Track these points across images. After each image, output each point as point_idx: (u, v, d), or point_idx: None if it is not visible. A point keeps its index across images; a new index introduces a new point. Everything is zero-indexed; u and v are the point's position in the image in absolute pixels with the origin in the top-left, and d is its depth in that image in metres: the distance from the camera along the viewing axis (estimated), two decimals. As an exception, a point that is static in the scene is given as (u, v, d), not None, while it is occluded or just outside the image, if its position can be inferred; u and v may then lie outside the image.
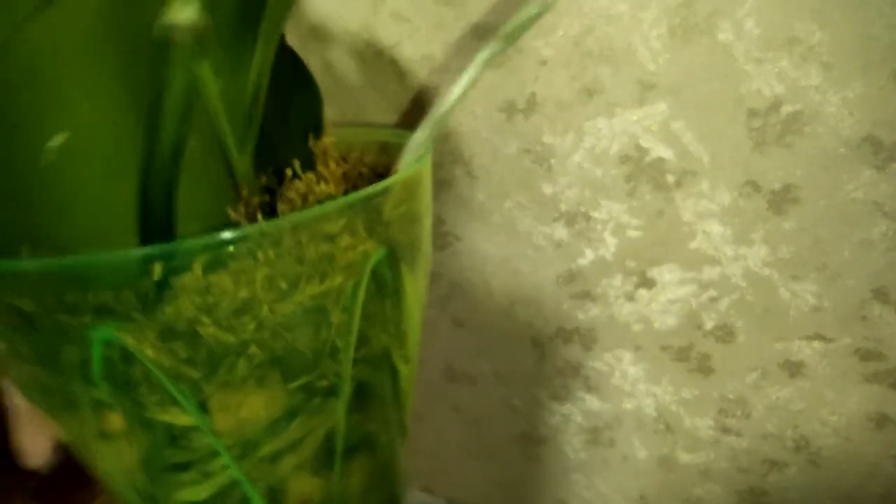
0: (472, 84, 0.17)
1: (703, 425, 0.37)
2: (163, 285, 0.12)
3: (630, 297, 0.35)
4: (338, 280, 0.14)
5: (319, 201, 0.17)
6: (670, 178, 0.31)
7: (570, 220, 0.34)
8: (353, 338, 0.15)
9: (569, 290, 0.36)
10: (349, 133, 0.21)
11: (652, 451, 0.40)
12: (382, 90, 0.35)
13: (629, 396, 0.39)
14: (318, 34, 0.35)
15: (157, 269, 0.12)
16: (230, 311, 0.13)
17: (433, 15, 0.32)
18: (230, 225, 0.16)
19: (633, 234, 0.33)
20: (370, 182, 0.19)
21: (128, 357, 0.13)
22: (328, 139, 0.20)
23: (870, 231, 0.29)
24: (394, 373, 0.18)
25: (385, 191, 0.15)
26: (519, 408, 0.43)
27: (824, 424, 0.34)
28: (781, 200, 0.30)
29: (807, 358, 0.33)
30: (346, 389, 0.16)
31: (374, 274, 0.15)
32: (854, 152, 0.27)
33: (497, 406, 0.44)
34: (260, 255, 0.13)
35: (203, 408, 0.14)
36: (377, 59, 0.34)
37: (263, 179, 0.17)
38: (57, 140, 0.11)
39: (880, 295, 0.30)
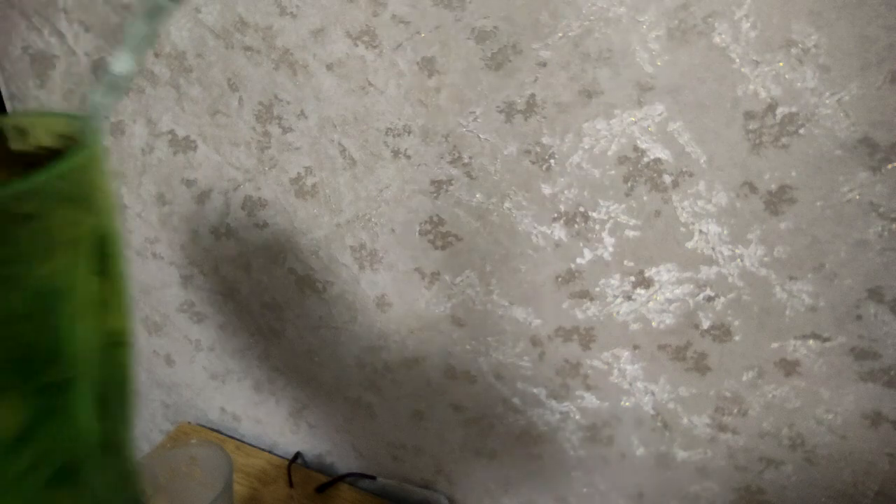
0: (137, 60, 0.16)
1: (701, 423, 0.38)
2: None
3: (628, 297, 0.35)
4: (59, 260, 0.13)
5: None
6: (668, 179, 0.31)
7: (568, 220, 0.35)
8: (89, 325, 0.14)
9: (568, 289, 0.37)
10: (25, 120, 0.20)
11: (650, 449, 0.40)
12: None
13: (627, 395, 0.39)
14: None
15: None
16: None
17: (433, 17, 0.32)
18: None
19: (631, 234, 0.34)
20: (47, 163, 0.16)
21: None
22: None
23: (865, 231, 0.29)
24: (120, 363, 0.16)
25: (83, 163, 0.13)
26: (518, 406, 0.43)
27: (820, 423, 0.35)
28: (778, 201, 0.30)
29: (802, 357, 0.33)
30: (89, 385, 0.14)
31: (92, 250, 0.14)
32: (850, 154, 0.27)
33: (497, 405, 0.44)
34: None
35: None
36: (377, 61, 0.34)
37: None
38: None
39: (875, 295, 0.30)
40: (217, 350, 0.54)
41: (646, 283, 0.35)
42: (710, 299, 0.34)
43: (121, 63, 0.16)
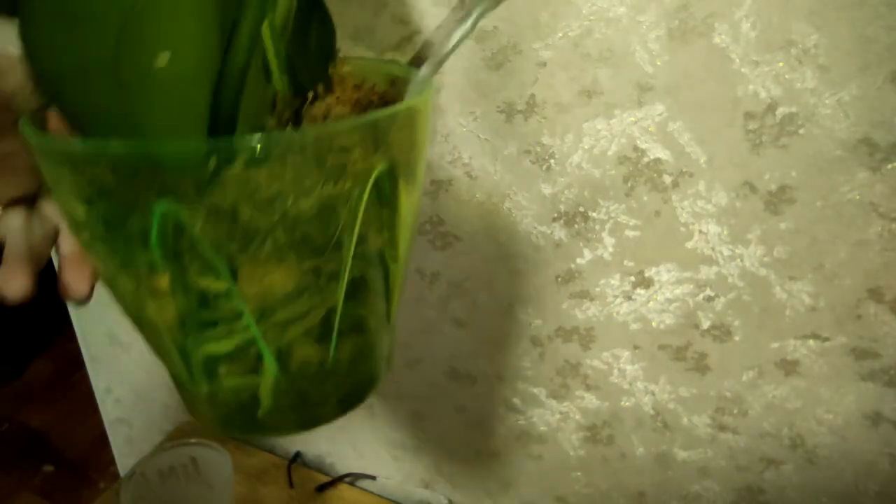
0: (469, 33, 0.20)
1: (701, 423, 0.38)
2: (215, 174, 0.15)
3: (628, 297, 0.35)
4: (347, 185, 0.18)
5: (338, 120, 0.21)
6: (668, 179, 0.31)
7: (568, 220, 0.35)
8: (355, 235, 0.19)
9: (568, 289, 0.37)
10: (363, 64, 0.26)
11: (650, 449, 0.40)
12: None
13: (627, 395, 0.39)
14: None
15: (212, 161, 0.15)
16: (263, 200, 0.16)
17: (433, 17, 0.32)
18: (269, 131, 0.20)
19: (631, 234, 0.34)
20: (380, 108, 0.22)
21: (179, 230, 0.16)
22: (345, 68, 0.24)
23: (865, 231, 0.29)
24: (385, 270, 0.22)
25: (391, 116, 0.19)
26: (518, 406, 0.43)
27: (820, 423, 0.35)
28: (778, 201, 0.30)
29: (803, 357, 0.33)
30: (345, 277, 0.19)
31: (377, 185, 0.19)
32: (850, 154, 0.27)
33: (498, 405, 0.44)
34: (289, 159, 0.16)
35: (234, 276, 0.17)
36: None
37: (295, 100, 0.21)
38: (163, 59, 0.15)
39: (875, 294, 0.30)
40: (217, 350, 0.54)
41: (646, 283, 0.35)
42: (710, 299, 0.34)
43: (464, 25, 0.20)
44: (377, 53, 0.34)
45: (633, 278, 0.35)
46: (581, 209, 0.34)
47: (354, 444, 0.53)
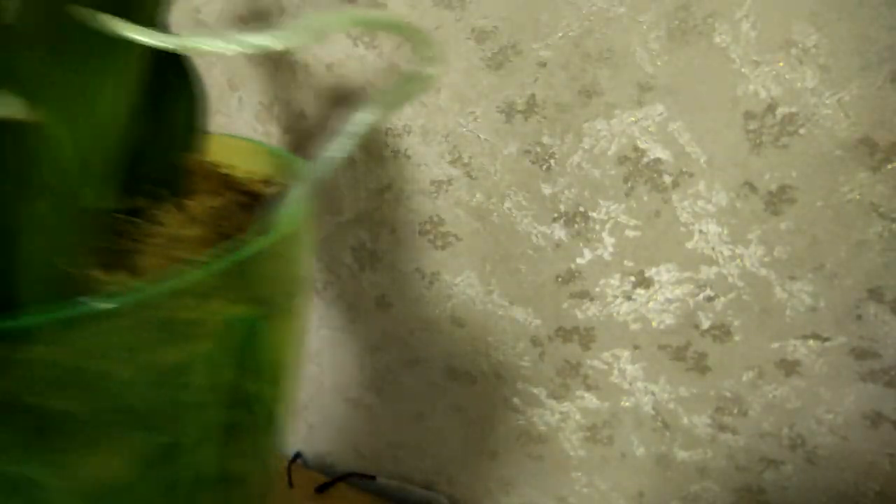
0: (345, 150, 0.16)
1: (701, 423, 0.38)
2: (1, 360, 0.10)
3: (628, 297, 0.35)
4: (203, 345, 0.13)
5: (187, 250, 0.15)
6: (668, 179, 0.31)
7: (568, 220, 0.35)
8: (219, 394, 0.14)
9: (568, 289, 0.37)
10: (233, 145, 0.20)
11: (650, 449, 0.40)
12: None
13: (627, 395, 0.39)
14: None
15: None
16: (83, 383, 0.11)
17: (433, 17, 0.32)
18: (85, 289, 0.14)
19: (631, 234, 0.34)
20: (242, 218, 0.17)
21: None
22: (208, 153, 0.19)
23: (866, 231, 0.29)
24: (267, 407, 0.17)
25: (258, 253, 0.14)
26: (518, 406, 0.43)
27: (820, 423, 0.35)
28: (778, 201, 0.30)
29: (803, 357, 0.33)
30: (208, 441, 0.15)
31: (246, 333, 0.14)
32: (850, 154, 0.27)
33: (497, 405, 0.44)
34: (118, 324, 0.11)
35: (59, 472, 0.12)
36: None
37: (124, 222, 0.15)
38: None
39: (875, 294, 0.30)
40: (217, 350, 0.54)
41: (646, 283, 0.35)
42: (710, 299, 0.34)
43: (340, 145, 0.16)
44: (387, 66, 0.34)
45: (633, 278, 0.35)
46: (581, 209, 0.34)
47: (354, 444, 0.53)
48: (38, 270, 0.12)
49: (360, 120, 0.16)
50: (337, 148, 0.16)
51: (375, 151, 0.37)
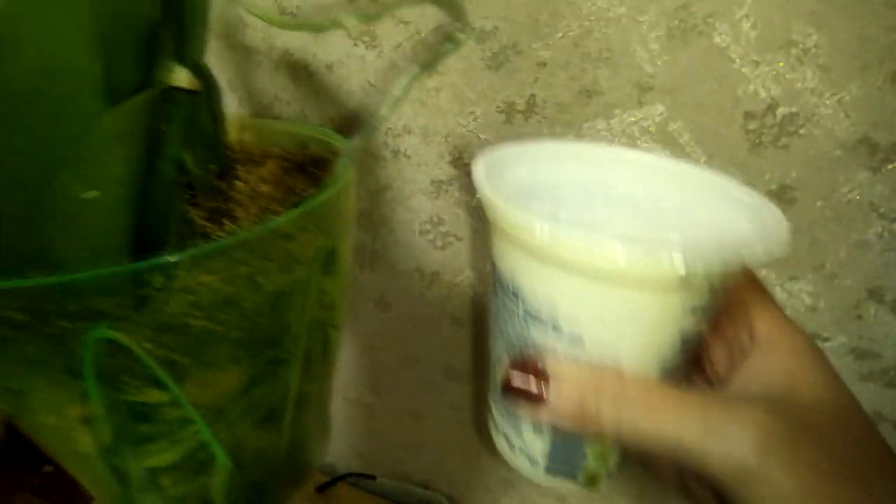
0: (399, 103, 0.20)
1: (701, 423, 0.38)
2: (157, 290, 0.14)
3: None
4: (298, 272, 0.17)
5: (265, 201, 0.20)
6: (668, 179, 0.31)
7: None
8: (306, 316, 0.18)
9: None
10: (261, 125, 0.25)
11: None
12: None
13: (627, 395, 0.39)
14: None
15: (158, 278, 0.14)
16: (216, 304, 0.15)
17: (433, 17, 0.32)
18: (192, 231, 0.18)
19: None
20: (296, 177, 0.22)
21: (113, 350, 0.15)
22: (244, 134, 0.23)
23: (866, 232, 0.29)
24: (326, 338, 0.22)
25: (333, 195, 0.18)
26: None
27: (820, 423, 0.35)
28: (778, 201, 0.30)
29: (803, 357, 0.33)
30: (299, 359, 0.19)
31: (328, 254, 0.18)
32: (850, 154, 0.27)
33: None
34: (237, 257, 0.15)
35: (181, 385, 0.16)
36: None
37: (211, 182, 0.19)
38: (90, 195, 0.14)
39: (875, 295, 0.30)
40: (217, 350, 0.54)
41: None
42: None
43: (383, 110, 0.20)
44: (387, 66, 0.34)
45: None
46: (581, 209, 0.34)
47: (354, 444, 0.53)
48: (173, 222, 0.17)
49: (402, 83, 0.19)
50: (384, 110, 0.20)
51: (375, 151, 0.37)
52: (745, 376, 0.20)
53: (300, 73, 0.37)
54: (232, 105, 0.40)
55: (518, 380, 0.18)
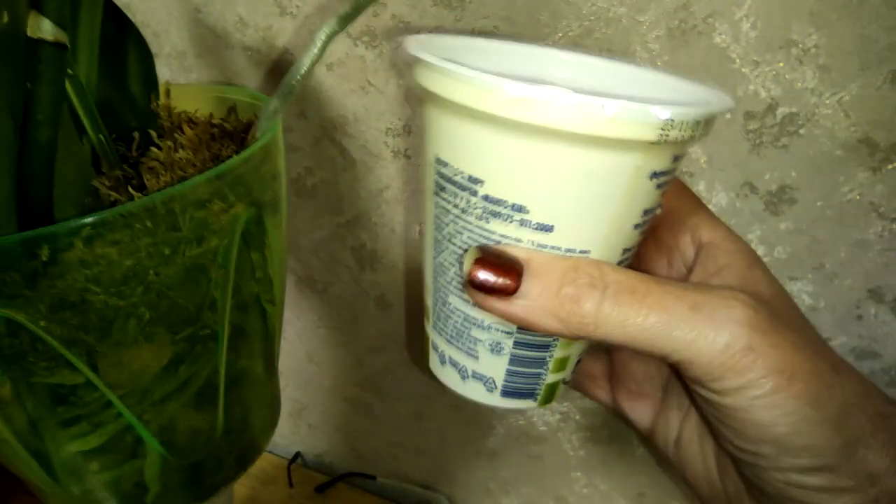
0: (317, 58, 0.19)
1: (701, 423, 0.38)
2: (49, 262, 0.13)
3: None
4: (213, 242, 0.16)
5: (182, 169, 0.18)
6: (668, 179, 0.31)
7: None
8: (229, 290, 0.17)
9: (568, 289, 0.37)
10: (189, 90, 0.23)
11: (650, 448, 0.41)
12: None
13: (627, 395, 0.39)
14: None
15: (45, 250, 0.13)
16: (118, 278, 0.14)
17: (433, 17, 0.32)
18: (100, 202, 0.17)
19: (631, 234, 0.34)
20: (224, 143, 0.21)
21: (13, 330, 0.14)
22: (170, 99, 0.22)
23: (865, 232, 0.29)
24: (263, 313, 0.21)
25: (249, 157, 0.17)
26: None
27: (820, 422, 0.35)
28: (778, 201, 0.30)
29: (803, 357, 0.33)
30: (224, 336, 0.18)
31: (244, 231, 0.17)
32: (850, 154, 0.27)
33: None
34: (139, 227, 0.14)
35: (94, 366, 0.15)
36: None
37: (121, 149, 0.18)
38: None
39: (875, 295, 0.30)
40: (217, 350, 0.54)
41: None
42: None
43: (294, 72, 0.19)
44: (387, 66, 0.34)
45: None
46: (581, 209, 0.34)
47: (354, 444, 0.53)
48: (69, 191, 0.15)
49: (320, 38, 0.18)
50: (303, 61, 0.19)
51: (375, 151, 0.37)
52: (698, 279, 0.19)
53: (300, 73, 0.37)
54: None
55: (484, 273, 0.16)
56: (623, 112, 0.14)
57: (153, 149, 0.18)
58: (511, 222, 0.16)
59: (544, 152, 0.15)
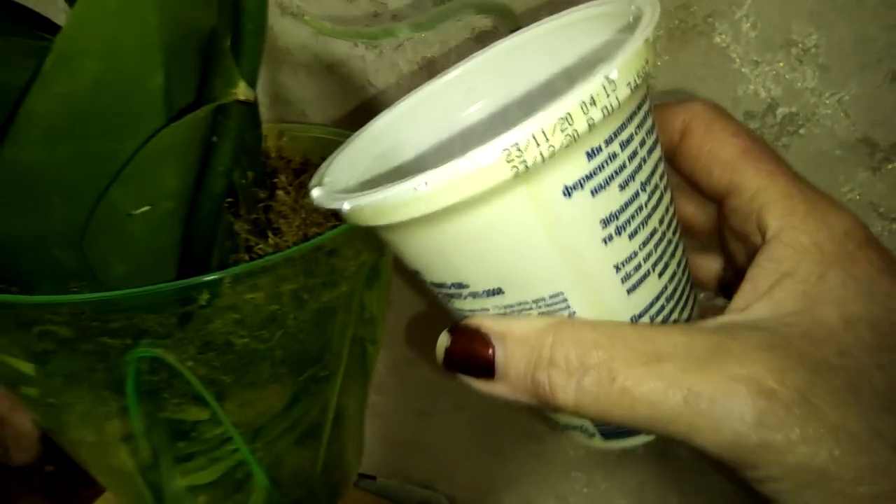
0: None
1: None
2: (203, 306, 0.14)
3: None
4: (343, 287, 0.17)
5: (306, 211, 0.19)
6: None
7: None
8: (350, 331, 0.18)
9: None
10: (296, 131, 0.24)
11: (650, 447, 0.41)
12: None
13: (628, 394, 0.39)
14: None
15: (205, 295, 0.14)
16: (260, 322, 0.15)
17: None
18: (237, 245, 0.18)
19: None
20: None
21: (156, 367, 0.15)
22: (283, 140, 0.22)
23: (865, 231, 0.29)
24: (363, 353, 0.21)
25: None
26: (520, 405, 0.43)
27: (821, 422, 0.35)
28: (778, 201, 0.30)
29: (803, 356, 0.33)
30: (340, 376, 0.18)
31: (370, 269, 0.18)
32: (850, 154, 0.27)
33: (499, 404, 0.44)
34: (280, 273, 0.15)
35: (221, 404, 0.16)
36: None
37: (260, 194, 0.19)
38: (141, 210, 0.14)
39: (876, 294, 0.30)
40: (218, 350, 0.54)
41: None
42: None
43: None
44: (388, 66, 0.34)
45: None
46: (581, 209, 0.34)
47: (355, 443, 0.53)
48: (219, 238, 0.16)
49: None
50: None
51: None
52: (747, 293, 0.14)
53: (300, 73, 0.37)
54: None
55: (457, 361, 0.15)
56: (435, 182, 0.12)
57: (279, 192, 0.19)
58: (464, 298, 0.16)
59: (437, 233, 0.14)
